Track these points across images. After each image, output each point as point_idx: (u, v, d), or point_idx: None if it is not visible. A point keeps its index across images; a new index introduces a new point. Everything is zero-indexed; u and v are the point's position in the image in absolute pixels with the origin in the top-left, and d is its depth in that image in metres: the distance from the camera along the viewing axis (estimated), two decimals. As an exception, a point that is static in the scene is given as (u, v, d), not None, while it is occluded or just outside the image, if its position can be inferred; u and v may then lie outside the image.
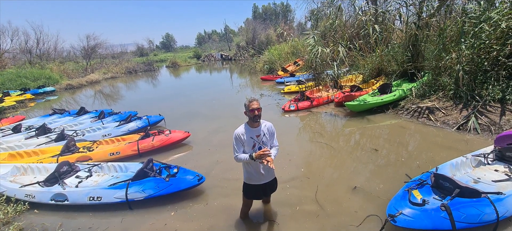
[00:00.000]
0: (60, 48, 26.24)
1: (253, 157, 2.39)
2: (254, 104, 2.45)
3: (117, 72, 24.04)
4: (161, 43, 59.69)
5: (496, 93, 5.19)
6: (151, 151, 5.22)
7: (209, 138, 6.06)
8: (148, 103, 11.30)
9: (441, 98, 6.09)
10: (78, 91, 16.77)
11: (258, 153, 2.37)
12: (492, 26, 5.21)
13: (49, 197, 3.50)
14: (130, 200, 3.40)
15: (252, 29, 31.19)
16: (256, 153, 2.38)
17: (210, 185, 3.92)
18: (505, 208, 2.51)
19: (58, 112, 8.47)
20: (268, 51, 19.52)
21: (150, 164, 3.82)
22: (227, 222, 3.10)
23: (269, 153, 2.36)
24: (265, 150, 2.36)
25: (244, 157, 2.45)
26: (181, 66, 31.16)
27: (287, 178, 3.93)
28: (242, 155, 2.47)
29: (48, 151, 5.07)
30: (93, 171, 4.14)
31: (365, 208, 3.15)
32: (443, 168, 3.35)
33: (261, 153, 2.36)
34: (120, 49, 35.54)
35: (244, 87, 13.26)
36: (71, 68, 22.01)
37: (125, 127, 6.51)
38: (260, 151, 2.37)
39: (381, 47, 8.39)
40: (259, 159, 2.38)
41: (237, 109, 8.58)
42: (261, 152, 2.36)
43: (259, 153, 2.37)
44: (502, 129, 4.66)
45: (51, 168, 4.10)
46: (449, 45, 6.14)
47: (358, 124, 6.25)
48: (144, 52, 42.35)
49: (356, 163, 4.40)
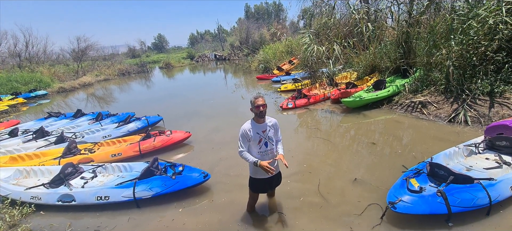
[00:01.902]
0: (49, 51, 25.66)
1: (258, 164, 2.52)
2: (259, 101, 2.58)
3: (109, 75, 23.70)
4: (153, 44, 58.95)
5: (485, 87, 5.45)
6: (152, 151, 5.26)
7: (210, 137, 6.14)
8: (144, 104, 11.25)
9: (433, 93, 6.34)
10: (71, 95, 16.50)
11: (264, 163, 2.51)
12: (480, 23, 5.47)
13: (56, 198, 3.52)
14: (138, 198, 3.46)
15: (245, 29, 31.28)
16: (263, 163, 2.51)
17: (215, 182, 4.01)
18: (497, 192, 2.69)
19: (53, 115, 8.37)
20: (262, 50, 19.63)
21: (156, 163, 3.88)
22: (234, 217, 3.20)
23: (272, 170, 2.52)
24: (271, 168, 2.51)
25: (250, 158, 2.57)
26: (174, 67, 30.95)
27: (290, 173, 4.05)
28: (248, 155, 2.59)
29: (49, 154, 5.05)
30: (97, 171, 4.17)
31: (366, 197, 3.30)
32: (438, 158, 3.54)
33: (267, 168, 2.50)
34: (111, 50, 34.98)
35: (239, 87, 13.34)
36: (62, 71, 21.59)
37: (125, 128, 6.51)
38: (266, 163, 2.52)
39: (374, 44, 8.62)
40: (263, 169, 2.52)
41: (235, 108, 8.67)
42: (266, 164, 2.51)
43: (265, 164, 2.51)
44: (491, 120, 4.91)
45: (55, 170, 4.11)
46: (439, 42, 6.39)
47: (354, 119, 6.44)
48: (136, 53, 41.75)
49: (355, 156, 4.57)
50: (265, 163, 2.51)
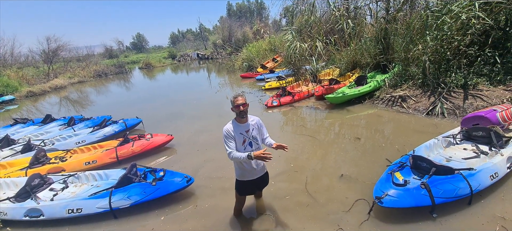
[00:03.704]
0: (17, 53, 23.75)
1: (252, 157, 2.34)
2: (239, 100, 2.44)
3: (84, 76, 22.40)
4: (132, 44, 56.65)
5: (459, 80, 5.70)
6: (131, 157, 4.94)
7: (193, 139, 5.91)
8: (123, 107, 10.71)
9: (411, 87, 6.55)
10: (41, 99, 15.35)
11: (259, 152, 2.33)
12: (453, 18, 5.70)
13: (23, 213, 3.18)
14: (115, 208, 3.20)
15: (228, 27, 30.93)
16: (256, 153, 2.33)
17: (199, 185, 3.83)
18: (477, 182, 2.77)
19: (20, 121, 7.69)
20: (246, 48, 19.47)
21: (134, 169, 3.63)
22: (220, 221, 3.06)
23: (269, 155, 2.32)
24: (266, 152, 2.32)
25: (240, 155, 2.38)
26: (155, 67, 29.91)
27: (277, 173, 3.97)
28: (238, 153, 2.41)
29: (15, 164, 4.59)
30: (69, 181, 3.82)
31: (353, 193, 3.29)
32: (419, 150, 3.62)
33: (262, 155, 2.31)
34: (86, 51, 33.10)
35: (223, 86, 13.11)
36: (31, 74, 20.06)
37: (100, 132, 6.10)
38: (261, 151, 2.34)
39: (355, 41, 8.79)
40: (259, 159, 2.34)
41: (219, 108, 8.46)
42: (261, 152, 2.33)
43: (259, 153, 2.32)
44: (466, 111, 5.14)
45: (21, 182, 3.71)
46: (415, 38, 6.62)
47: (338, 115, 6.50)
48: (114, 53, 39.71)
49: (341, 152, 4.59)
50: (259, 152, 2.33)
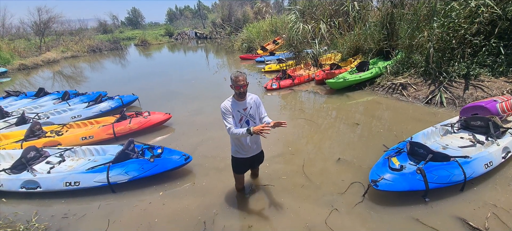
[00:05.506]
0: (8, 24, 22.82)
1: (251, 132, 2.31)
2: (240, 81, 2.37)
3: (78, 51, 21.82)
4: (127, 19, 54.78)
5: (462, 69, 5.65)
6: (128, 134, 4.90)
7: (191, 118, 5.87)
8: (119, 84, 10.51)
9: (412, 75, 6.49)
10: (34, 72, 15.00)
11: (258, 127, 2.29)
12: (462, 5, 5.54)
13: (19, 184, 3.18)
14: (113, 183, 3.21)
15: (227, 6, 29.82)
16: (256, 128, 2.29)
17: (197, 164, 3.85)
18: (471, 169, 2.82)
19: (13, 94, 7.53)
20: (246, 29, 18.94)
21: (131, 145, 3.60)
22: (218, 199, 3.09)
23: (268, 129, 2.28)
24: (265, 126, 2.28)
25: (241, 131, 2.36)
26: (152, 44, 29.19)
27: (274, 155, 3.99)
28: (238, 129, 2.39)
29: (10, 136, 4.54)
30: (65, 155, 3.81)
31: (349, 176, 3.34)
32: (417, 137, 3.64)
33: (261, 129, 2.27)
34: (79, 24, 31.99)
35: (222, 67, 12.88)
36: (23, 47, 19.45)
37: (96, 107, 6.02)
38: (260, 126, 2.30)
39: (359, 25, 8.57)
40: (258, 133, 2.29)
41: (217, 89, 8.36)
42: (260, 127, 2.29)
43: (258, 128, 2.28)
44: (465, 101, 5.15)
45: (16, 154, 3.68)
46: (422, 24, 6.46)
47: (338, 100, 6.47)
48: (108, 29, 38.48)
49: (339, 136, 4.60)
50: (258, 127, 2.30)
